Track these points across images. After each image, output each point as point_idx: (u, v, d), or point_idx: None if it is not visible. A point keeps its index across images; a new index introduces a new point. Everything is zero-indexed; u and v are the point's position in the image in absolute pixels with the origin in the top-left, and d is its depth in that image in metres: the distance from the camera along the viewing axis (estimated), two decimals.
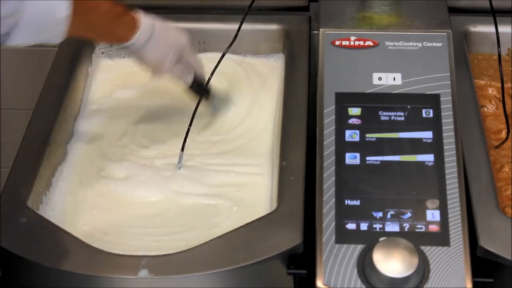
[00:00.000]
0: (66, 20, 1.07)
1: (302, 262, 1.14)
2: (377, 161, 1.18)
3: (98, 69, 1.52)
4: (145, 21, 1.27)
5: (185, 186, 1.31)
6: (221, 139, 1.40)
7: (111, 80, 1.51)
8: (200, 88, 1.37)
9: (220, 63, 1.34)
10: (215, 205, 1.27)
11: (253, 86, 1.48)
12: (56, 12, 1.06)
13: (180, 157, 1.33)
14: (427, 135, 1.20)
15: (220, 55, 1.52)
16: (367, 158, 1.18)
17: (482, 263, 1.11)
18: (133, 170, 1.33)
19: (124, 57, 1.53)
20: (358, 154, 1.19)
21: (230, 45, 1.36)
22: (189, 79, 1.36)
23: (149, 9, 1.55)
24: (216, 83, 1.42)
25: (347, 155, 1.19)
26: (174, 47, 1.30)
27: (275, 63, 1.52)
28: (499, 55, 1.36)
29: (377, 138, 1.20)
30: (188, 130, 1.32)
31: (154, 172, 1.33)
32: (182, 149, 1.33)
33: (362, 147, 1.19)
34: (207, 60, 1.50)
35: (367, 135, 1.20)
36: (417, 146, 1.19)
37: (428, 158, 1.18)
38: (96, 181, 1.32)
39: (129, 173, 1.32)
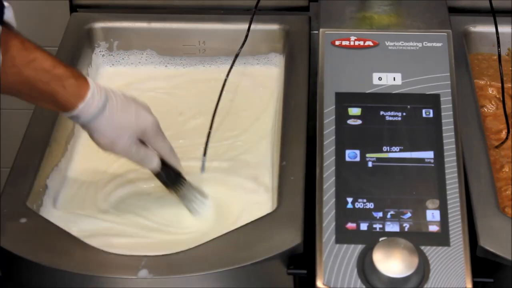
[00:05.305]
0: None
1: (302, 262, 1.14)
2: (377, 161, 1.18)
3: (98, 69, 1.52)
4: (97, 89, 1.10)
5: None
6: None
7: (112, 80, 1.51)
8: (169, 180, 1.24)
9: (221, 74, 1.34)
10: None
11: (259, 98, 1.47)
12: None
13: (203, 162, 1.32)
14: (427, 135, 1.20)
15: (218, 56, 1.52)
16: (367, 158, 1.18)
17: (482, 263, 1.11)
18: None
19: (124, 58, 1.53)
20: (358, 154, 1.19)
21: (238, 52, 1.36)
22: (153, 167, 1.20)
23: (149, 9, 1.56)
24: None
25: (347, 155, 1.19)
26: (131, 128, 1.13)
27: (275, 63, 1.52)
28: (499, 55, 1.37)
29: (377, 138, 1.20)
30: (209, 133, 1.31)
31: None
32: (204, 154, 1.32)
33: (362, 147, 1.19)
34: (206, 71, 1.50)
35: (367, 135, 1.20)
36: (417, 146, 1.19)
37: (428, 158, 1.18)
38: (96, 181, 1.32)
39: (129, 172, 1.32)
